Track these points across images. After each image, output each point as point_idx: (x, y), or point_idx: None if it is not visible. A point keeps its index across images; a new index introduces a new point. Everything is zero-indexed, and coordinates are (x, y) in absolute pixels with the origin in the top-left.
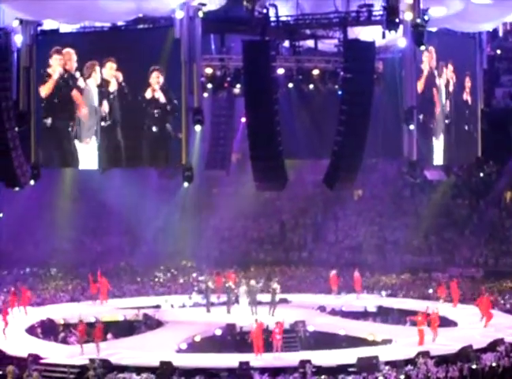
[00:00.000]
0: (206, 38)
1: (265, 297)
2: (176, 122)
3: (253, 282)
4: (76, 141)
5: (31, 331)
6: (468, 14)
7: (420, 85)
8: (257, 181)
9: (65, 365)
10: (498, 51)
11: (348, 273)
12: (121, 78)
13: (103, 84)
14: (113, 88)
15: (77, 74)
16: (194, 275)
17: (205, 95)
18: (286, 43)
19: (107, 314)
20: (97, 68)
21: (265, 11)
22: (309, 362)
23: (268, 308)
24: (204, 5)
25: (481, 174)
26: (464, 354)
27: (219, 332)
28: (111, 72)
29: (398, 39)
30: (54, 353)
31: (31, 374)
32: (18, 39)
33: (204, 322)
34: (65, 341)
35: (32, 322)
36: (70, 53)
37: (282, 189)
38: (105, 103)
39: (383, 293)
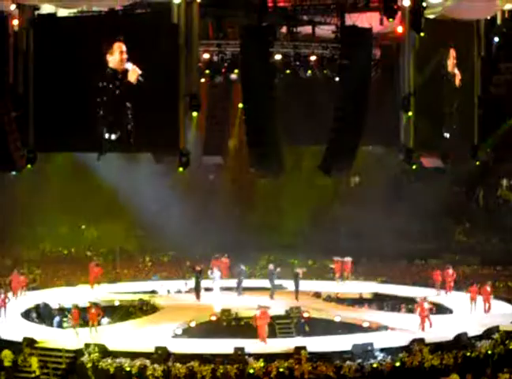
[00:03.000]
0: (203, 23)
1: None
2: (173, 108)
3: (271, 266)
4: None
5: (26, 315)
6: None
7: (417, 71)
8: (254, 168)
9: (60, 350)
10: (496, 39)
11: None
12: None
13: None
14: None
15: None
16: (188, 263)
17: (202, 80)
18: (283, 29)
19: (103, 299)
20: None
21: None
22: (304, 348)
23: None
24: None
25: (477, 162)
26: (460, 341)
27: (214, 318)
28: None
29: (396, 25)
30: (50, 337)
31: (26, 358)
32: (15, 23)
33: (199, 307)
34: (60, 325)
35: (28, 306)
36: None
37: (279, 176)
38: None
39: (379, 279)
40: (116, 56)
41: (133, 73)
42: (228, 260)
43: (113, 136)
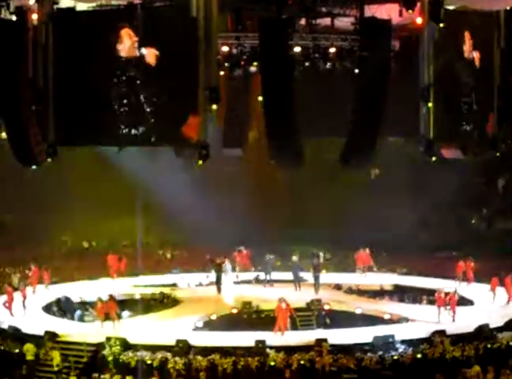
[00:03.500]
0: (222, 16)
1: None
2: (192, 101)
3: (294, 258)
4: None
5: (47, 309)
6: None
7: (436, 62)
8: (274, 160)
9: (81, 343)
10: None
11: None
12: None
13: None
14: None
15: None
16: (208, 256)
17: (221, 73)
18: (302, 21)
19: (124, 292)
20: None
21: None
22: (325, 340)
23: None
24: None
25: (497, 153)
26: (481, 333)
27: (235, 311)
28: None
29: (415, 17)
30: (71, 331)
31: (48, 352)
32: (34, 18)
33: (220, 300)
34: (81, 319)
35: (49, 300)
36: None
37: (299, 168)
38: None
39: (399, 271)
40: (126, 42)
41: (151, 55)
42: (248, 252)
43: (133, 131)
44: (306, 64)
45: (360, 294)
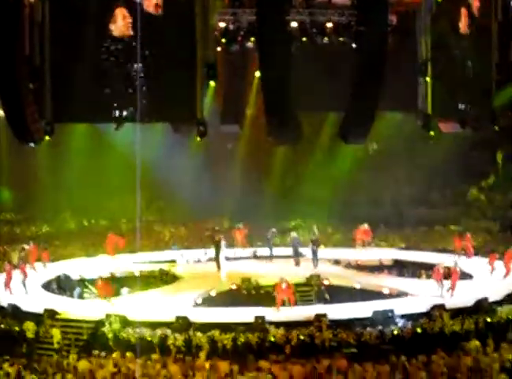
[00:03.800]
0: None
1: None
2: (190, 77)
3: (293, 233)
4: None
5: (47, 287)
6: None
7: (433, 36)
8: (272, 136)
9: (80, 321)
10: None
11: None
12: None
13: None
14: None
15: None
16: (207, 233)
17: (218, 49)
18: None
19: (123, 269)
20: None
21: None
22: (324, 315)
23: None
24: None
25: (496, 128)
26: (480, 306)
27: (234, 287)
28: None
29: None
30: (71, 308)
31: (48, 330)
32: None
33: (219, 277)
34: (81, 296)
35: (48, 278)
36: None
37: (297, 143)
38: None
39: (398, 246)
40: (119, 22)
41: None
42: (246, 230)
43: (130, 108)
44: (304, 39)
45: (359, 269)
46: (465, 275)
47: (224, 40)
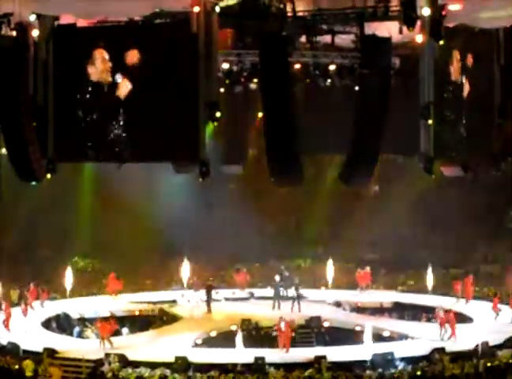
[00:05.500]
0: (223, 33)
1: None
2: (193, 118)
3: (277, 277)
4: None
5: (46, 325)
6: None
7: (438, 79)
8: (274, 177)
9: (80, 360)
10: None
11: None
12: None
13: None
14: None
15: None
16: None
17: (222, 90)
18: (303, 38)
19: (123, 309)
20: None
21: (282, 6)
22: (324, 357)
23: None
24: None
25: (498, 173)
26: (480, 350)
27: (234, 328)
28: None
29: (416, 34)
30: (70, 347)
31: (47, 369)
32: (35, 34)
33: (219, 317)
34: (80, 335)
35: (48, 316)
36: None
37: (299, 185)
38: None
39: (399, 289)
40: (98, 65)
41: (124, 87)
42: (246, 272)
43: (132, 148)
44: (307, 81)
45: (360, 311)
46: (466, 319)
47: (227, 81)
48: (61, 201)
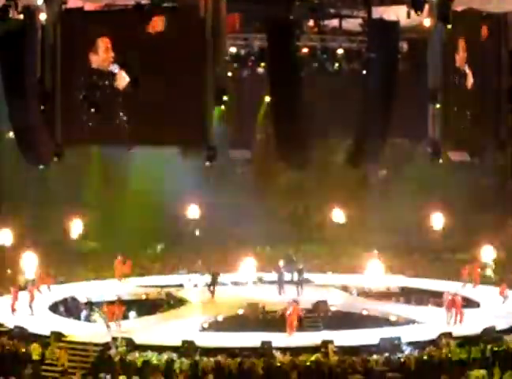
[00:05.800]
0: (231, 17)
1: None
2: (200, 102)
3: (281, 262)
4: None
5: (54, 309)
6: None
7: (446, 63)
8: (281, 161)
9: (87, 343)
10: None
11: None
12: None
13: None
14: None
15: None
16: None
17: (229, 74)
18: (310, 22)
19: (130, 292)
20: None
21: None
22: (331, 341)
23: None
24: None
25: (505, 157)
26: (487, 335)
27: (241, 311)
28: None
29: (424, 18)
30: (77, 331)
31: (54, 352)
32: (42, 17)
33: (226, 301)
34: (87, 319)
35: (55, 300)
36: None
37: (307, 169)
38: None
39: (406, 273)
40: (100, 54)
41: (121, 79)
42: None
43: (140, 132)
44: (314, 65)
45: (367, 295)
46: (473, 304)
47: (234, 65)
48: (69, 185)
